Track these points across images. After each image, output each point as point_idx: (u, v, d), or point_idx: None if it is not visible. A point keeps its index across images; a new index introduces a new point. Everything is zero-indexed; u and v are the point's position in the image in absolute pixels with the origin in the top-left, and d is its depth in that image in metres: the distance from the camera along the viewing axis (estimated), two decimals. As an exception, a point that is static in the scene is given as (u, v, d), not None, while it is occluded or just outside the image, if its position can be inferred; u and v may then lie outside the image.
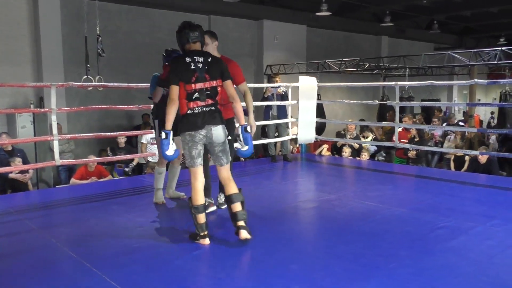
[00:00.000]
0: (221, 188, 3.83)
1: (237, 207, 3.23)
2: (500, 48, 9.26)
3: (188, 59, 3.23)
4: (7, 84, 6.58)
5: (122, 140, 7.85)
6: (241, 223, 3.18)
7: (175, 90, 3.20)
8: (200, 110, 3.22)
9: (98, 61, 5.89)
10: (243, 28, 12.48)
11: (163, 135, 3.21)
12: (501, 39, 17.77)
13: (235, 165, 4.40)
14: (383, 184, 5.32)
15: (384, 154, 8.83)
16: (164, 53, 4.30)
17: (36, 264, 2.91)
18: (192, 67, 3.20)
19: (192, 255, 3.04)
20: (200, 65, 3.22)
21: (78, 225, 3.81)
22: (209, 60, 3.28)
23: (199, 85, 3.21)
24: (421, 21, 16.03)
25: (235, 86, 3.63)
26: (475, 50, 10.20)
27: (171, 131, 3.23)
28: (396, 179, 6.01)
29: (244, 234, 3.15)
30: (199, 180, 3.27)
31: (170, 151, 3.23)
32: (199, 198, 3.23)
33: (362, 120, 11.89)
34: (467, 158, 7.64)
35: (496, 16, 14.62)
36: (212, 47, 3.85)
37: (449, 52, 10.52)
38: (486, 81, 6.68)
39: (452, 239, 3.30)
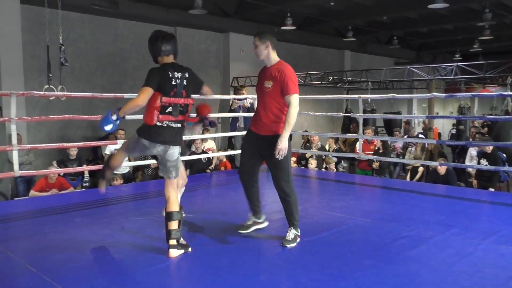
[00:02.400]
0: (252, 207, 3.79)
1: (174, 225, 3.17)
2: (456, 64, 9.71)
3: (170, 74, 3.16)
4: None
5: (73, 152, 7.58)
6: (173, 242, 3.15)
7: (148, 93, 3.08)
8: (168, 125, 3.18)
9: (60, 70, 5.77)
10: (209, 40, 12.52)
11: (114, 117, 3.10)
12: (457, 55, 18.63)
13: (200, 177, 4.37)
14: (347, 195, 5.43)
15: (344, 165, 9.04)
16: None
17: (-6, 281, 2.79)
18: (173, 82, 3.15)
19: (156, 268, 2.99)
20: (179, 81, 3.17)
21: (38, 238, 3.67)
22: (187, 76, 3.24)
23: (175, 100, 3.16)
24: (381, 37, 16.60)
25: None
26: (433, 65, 10.65)
27: (119, 120, 3.14)
28: (360, 190, 6.15)
29: (173, 253, 3.13)
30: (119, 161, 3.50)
31: (108, 128, 3.14)
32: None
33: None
34: (420, 169, 7.98)
35: (451, 32, 15.35)
36: (262, 49, 3.42)
37: (408, 66, 10.93)
38: (444, 94, 6.96)
39: (414, 248, 3.40)
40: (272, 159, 3.37)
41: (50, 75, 5.74)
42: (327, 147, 9.11)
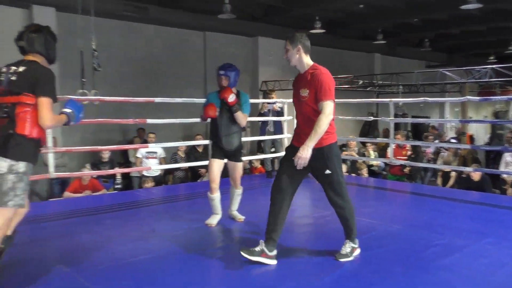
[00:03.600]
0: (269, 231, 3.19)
1: None
2: (491, 66, 9.43)
3: (3, 69, 2.66)
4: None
5: (106, 155, 7.74)
6: None
7: None
8: None
9: (93, 75, 5.91)
10: (237, 44, 12.59)
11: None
12: (491, 57, 18.07)
13: (226, 181, 4.38)
14: (377, 201, 5.35)
15: (385, 173, 8.90)
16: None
17: (28, 278, 2.88)
18: (1, 78, 2.62)
19: (184, 271, 3.02)
20: (9, 76, 2.59)
21: (71, 238, 3.77)
22: (21, 69, 2.60)
23: (0, 100, 2.58)
24: (412, 39, 16.30)
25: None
26: (467, 68, 10.38)
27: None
28: (390, 195, 6.04)
29: None
30: None
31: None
32: None
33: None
34: (453, 174, 7.77)
35: (485, 34, 14.92)
36: (294, 53, 3.15)
37: (441, 69, 10.69)
38: (479, 98, 6.77)
39: (447, 256, 3.31)
40: (320, 173, 3.11)
41: (84, 80, 5.88)
42: (372, 154, 8.90)
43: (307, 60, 3.18)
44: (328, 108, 2.96)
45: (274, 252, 3.15)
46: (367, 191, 6.24)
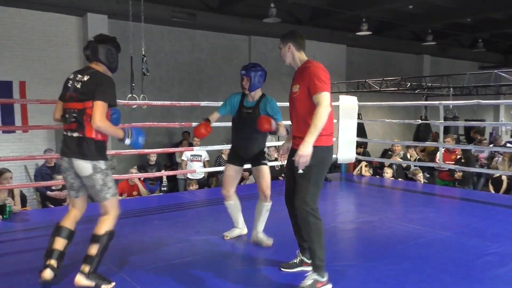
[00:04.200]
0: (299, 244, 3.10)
1: (93, 249, 2.85)
2: (551, 67, 8.89)
3: (71, 76, 2.88)
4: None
5: (153, 158, 7.92)
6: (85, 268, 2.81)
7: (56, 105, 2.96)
8: (65, 134, 2.84)
9: (142, 80, 6.09)
10: (282, 47, 12.61)
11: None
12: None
13: (274, 184, 4.36)
14: (426, 206, 5.16)
15: (428, 175, 8.56)
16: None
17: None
18: (68, 85, 2.85)
19: (232, 274, 3.04)
20: (75, 83, 2.79)
21: (119, 239, 3.84)
22: (85, 78, 2.79)
23: (69, 105, 2.81)
24: (464, 40, 15.68)
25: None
26: (524, 69, 9.84)
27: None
28: (439, 201, 5.81)
29: (79, 280, 2.78)
30: (69, 209, 3.04)
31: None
32: (64, 219, 3.01)
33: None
34: (504, 178, 7.41)
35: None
36: (286, 52, 3.05)
37: (495, 71, 10.21)
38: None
39: (501, 266, 3.14)
40: (296, 171, 2.72)
41: (133, 84, 6.07)
42: (409, 156, 8.58)
43: (301, 56, 3.00)
44: (325, 99, 2.67)
45: None
46: (414, 196, 6.03)
